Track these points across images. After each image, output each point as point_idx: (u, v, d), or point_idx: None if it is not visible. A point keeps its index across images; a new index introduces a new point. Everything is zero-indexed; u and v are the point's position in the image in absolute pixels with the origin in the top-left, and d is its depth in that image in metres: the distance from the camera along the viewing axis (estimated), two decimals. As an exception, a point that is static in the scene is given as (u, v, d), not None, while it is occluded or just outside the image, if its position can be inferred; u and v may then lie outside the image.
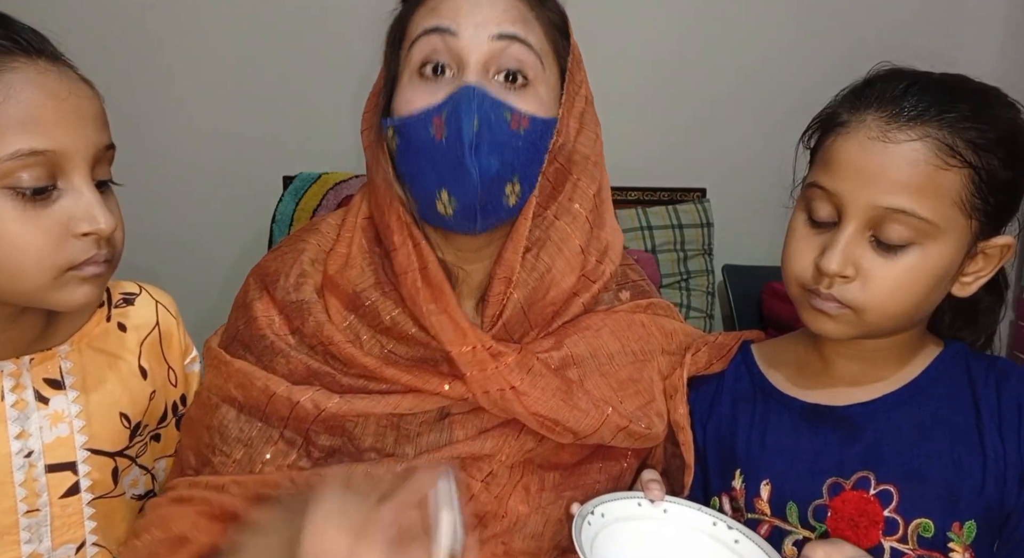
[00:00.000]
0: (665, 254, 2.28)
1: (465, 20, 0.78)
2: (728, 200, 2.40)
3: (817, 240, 0.82)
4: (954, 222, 0.78)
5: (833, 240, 0.80)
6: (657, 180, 2.42)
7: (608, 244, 0.89)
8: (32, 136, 0.63)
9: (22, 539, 0.71)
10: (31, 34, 0.67)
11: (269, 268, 0.91)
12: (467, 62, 0.78)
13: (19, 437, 0.72)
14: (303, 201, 2.33)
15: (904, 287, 0.79)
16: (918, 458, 0.82)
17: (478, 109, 0.76)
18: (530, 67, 0.81)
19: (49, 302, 0.69)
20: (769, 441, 0.89)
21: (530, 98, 0.81)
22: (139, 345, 0.83)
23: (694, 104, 2.44)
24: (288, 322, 0.86)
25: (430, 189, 0.79)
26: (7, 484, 0.71)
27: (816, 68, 1.83)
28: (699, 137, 2.45)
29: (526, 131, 0.79)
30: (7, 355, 0.72)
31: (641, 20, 2.40)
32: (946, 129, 0.77)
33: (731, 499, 0.91)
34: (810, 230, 0.84)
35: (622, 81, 2.43)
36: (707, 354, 0.96)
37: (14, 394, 0.72)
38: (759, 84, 2.40)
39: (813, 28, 2.39)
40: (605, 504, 0.83)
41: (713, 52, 2.41)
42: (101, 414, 0.77)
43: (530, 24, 0.82)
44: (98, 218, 0.67)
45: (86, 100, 0.68)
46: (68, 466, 0.75)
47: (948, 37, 2.36)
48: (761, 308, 2.17)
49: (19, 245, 0.64)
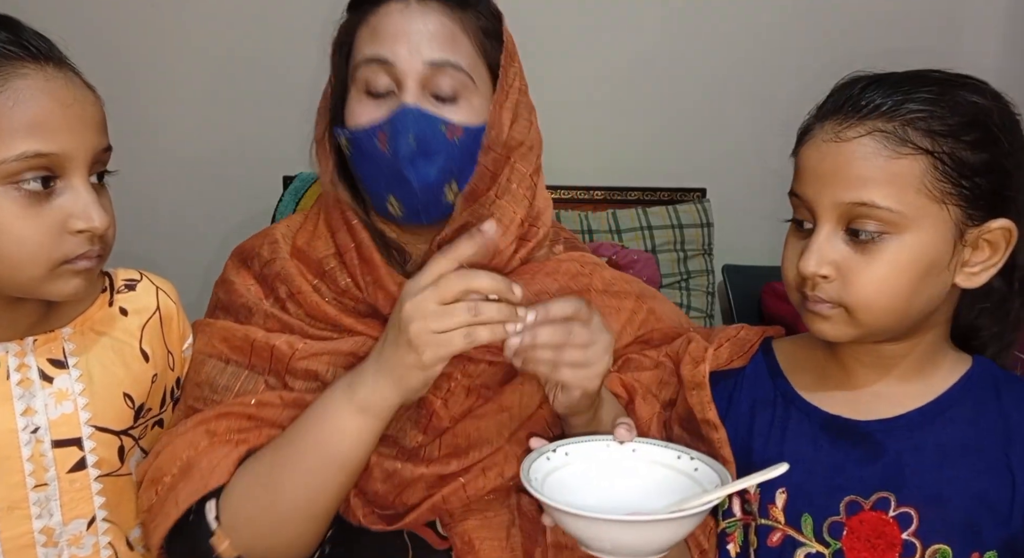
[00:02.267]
0: (665, 254, 2.28)
1: (400, 49, 0.90)
2: (728, 200, 2.40)
3: (802, 244, 0.84)
4: (924, 209, 0.78)
5: (809, 243, 0.82)
6: (657, 180, 2.42)
7: (539, 210, 1.01)
8: (38, 140, 0.68)
9: (32, 514, 0.75)
10: (40, 40, 0.71)
11: (245, 247, 1.04)
12: (404, 84, 0.90)
13: (25, 414, 0.75)
14: (303, 201, 2.33)
15: (888, 281, 0.79)
16: (940, 483, 0.81)
17: (414, 126, 0.89)
18: (460, 84, 0.92)
19: (42, 292, 0.73)
20: (788, 449, 0.88)
21: (463, 109, 0.92)
22: (140, 329, 0.86)
23: (694, 104, 2.44)
24: (263, 289, 0.99)
25: (381, 193, 0.93)
26: (14, 459, 0.74)
27: (816, 68, 1.82)
28: (699, 137, 2.45)
29: (460, 139, 0.91)
30: (10, 337, 0.76)
31: (641, 20, 2.40)
32: (896, 120, 0.78)
33: (744, 501, 0.90)
34: (797, 238, 0.85)
35: (622, 81, 2.43)
36: (729, 349, 0.97)
37: (19, 373, 0.75)
38: (759, 84, 2.40)
39: (813, 28, 2.39)
40: (571, 445, 0.85)
41: (713, 52, 2.41)
42: (104, 393, 0.81)
43: (458, 42, 0.92)
44: (93, 217, 0.71)
45: (89, 106, 0.72)
46: (74, 442, 0.78)
47: (948, 36, 2.36)
48: (761, 308, 2.17)
49: (20, 239, 0.69)
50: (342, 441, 0.82)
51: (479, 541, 0.90)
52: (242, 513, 0.84)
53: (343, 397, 0.83)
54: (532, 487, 0.76)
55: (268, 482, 0.84)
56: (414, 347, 0.77)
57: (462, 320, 0.76)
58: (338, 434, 0.82)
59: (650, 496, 0.81)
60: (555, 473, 0.82)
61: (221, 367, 0.94)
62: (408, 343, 0.77)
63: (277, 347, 0.92)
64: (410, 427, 0.91)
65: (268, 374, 0.92)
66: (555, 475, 0.82)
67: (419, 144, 0.89)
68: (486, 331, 0.77)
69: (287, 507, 0.83)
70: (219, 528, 0.83)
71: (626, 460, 0.85)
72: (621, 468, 0.84)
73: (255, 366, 0.93)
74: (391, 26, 0.91)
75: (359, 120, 0.92)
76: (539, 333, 0.78)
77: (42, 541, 0.76)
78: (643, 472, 0.84)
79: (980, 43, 2.33)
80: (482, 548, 0.90)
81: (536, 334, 0.78)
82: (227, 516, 0.84)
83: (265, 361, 0.92)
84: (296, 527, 0.85)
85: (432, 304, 0.76)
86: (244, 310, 0.97)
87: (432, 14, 0.92)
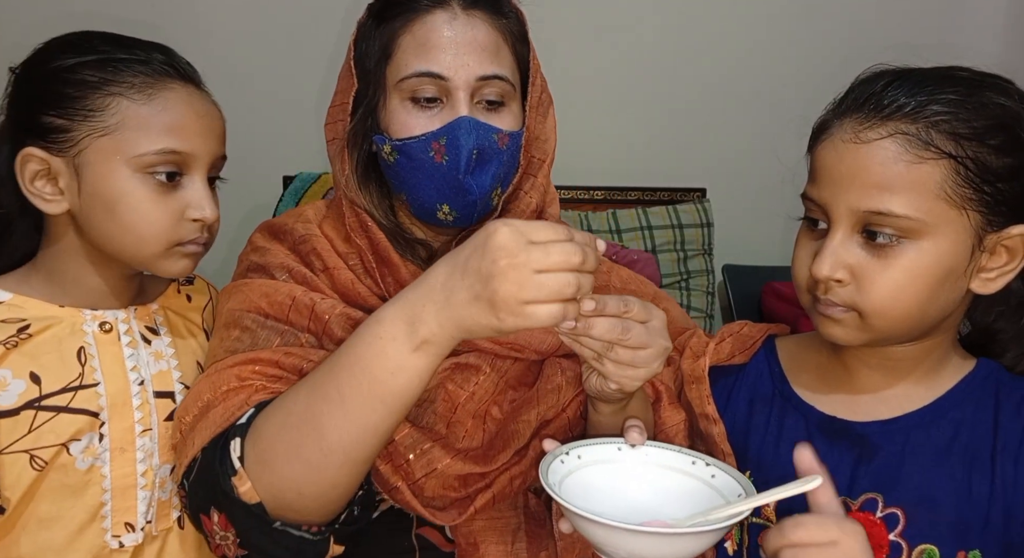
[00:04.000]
0: (665, 254, 2.28)
1: (452, 62, 0.91)
2: (728, 200, 2.40)
3: (814, 246, 0.82)
4: (943, 216, 0.75)
5: (823, 245, 0.79)
6: (657, 180, 2.42)
7: (549, 200, 1.04)
8: (176, 139, 0.85)
9: (137, 457, 0.88)
10: (186, 65, 0.89)
11: (275, 223, 1.05)
12: (457, 97, 0.92)
13: (134, 369, 0.90)
14: (303, 201, 2.33)
15: (905, 287, 0.77)
16: (931, 483, 0.80)
17: (473, 137, 0.91)
18: (505, 93, 0.95)
19: (155, 267, 0.88)
20: (783, 449, 0.87)
21: (506, 117, 0.95)
22: (201, 313, 1.01)
23: (695, 104, 2.44)
24: (298, 258, 0.99)
25: (431, 201, 0.94)
26: (127, 406, 0.88)
27: (817, 67, 1.83)
28: (699, 137, 2.45)
29: (507, 146, 0.95)
30: (119, 306, 0.91)
31: (641, 20, 2.40)
32: (920, 122, 0.75)
33: None
34: (810, 238, 0.83)
35: (622, 81, 2.43)
36: (731, 345, 0.97)
37: (127, 336, 0.90)
38: (759, 84, 2.40)
39: (814, 27, 2.39)
40: (583, 447, 0.83)
41: (713, 52, 2.41)
42: (185, 358, 0.95)
43: (502, 52, 0.95)
44: (206, 209, 0.88)
45: (216, 120, 0.91)
46: (168, 395, 0.92)
47: (951, 34, 2.36)
48: (761, 308, 2.17)
49: (148, 219, 0.85)
50: (397, 377, 0.75)
51: (484, 543, 0.89)
52: (271, 452, 0.78)
53: (402, 334, 0.74)
54: (554, 492, 0.74)
55: (306, 419, 0.77)
56: (496, 310, 0.68)
57: (560, 294, 0.68)
58: (396, 371, 0.74)
59: (666, 502, 0.81)
60: (571, 476, 0.81)
61: (260, 320, 0.92)
62: (489, 302, 0.68)
63: (318, 305, 0.91)
64: (435, 420, 0.89)
65: (306, 332, 0.91)
66: (571, 478, 0.81)
67: (479, 154, 0.91)
68: (574, 309, 0.70)
69: (328, 447, 0.76)
70: (242, 468, 0.78)
71: (639, 464, 0.84)
72: (634, 472, 0.83)
73: (294, 323, 0.91)
74: (440, 38, 0.91)
75: (410, 130, 0.92)
76: (594, 325, 0.73)
77: (143, 483, 0.88)
78: (657, 476, 0.83)
79: (980, 42, 2.33)
80: (487, 552, 0.89)
81: (591, 325, 0.73)
82: (253, 455, 0.78)
83: (304, 318, 0.91)
84: (336, 471, 0.77)
85: (530, 271, 0.67)
86: (282, 270, 0.96)
87: (479, 24, 0.93)
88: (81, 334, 0.87)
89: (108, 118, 0.82)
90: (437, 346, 0.74)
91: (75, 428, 0.84)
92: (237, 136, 0.98)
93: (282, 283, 0.95)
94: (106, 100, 0.83)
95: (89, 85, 0.83)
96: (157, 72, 0.85)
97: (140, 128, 0.83)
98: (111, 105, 0.83)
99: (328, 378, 0.78)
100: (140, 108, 0.83)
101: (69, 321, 0.87)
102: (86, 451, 0.85)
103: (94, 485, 0.85)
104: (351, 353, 0.77)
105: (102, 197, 0.84)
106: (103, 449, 0.86)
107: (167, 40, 0.93)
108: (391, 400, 0.75)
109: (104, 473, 0.86)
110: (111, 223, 0.84)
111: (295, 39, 2.38)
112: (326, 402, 0.76)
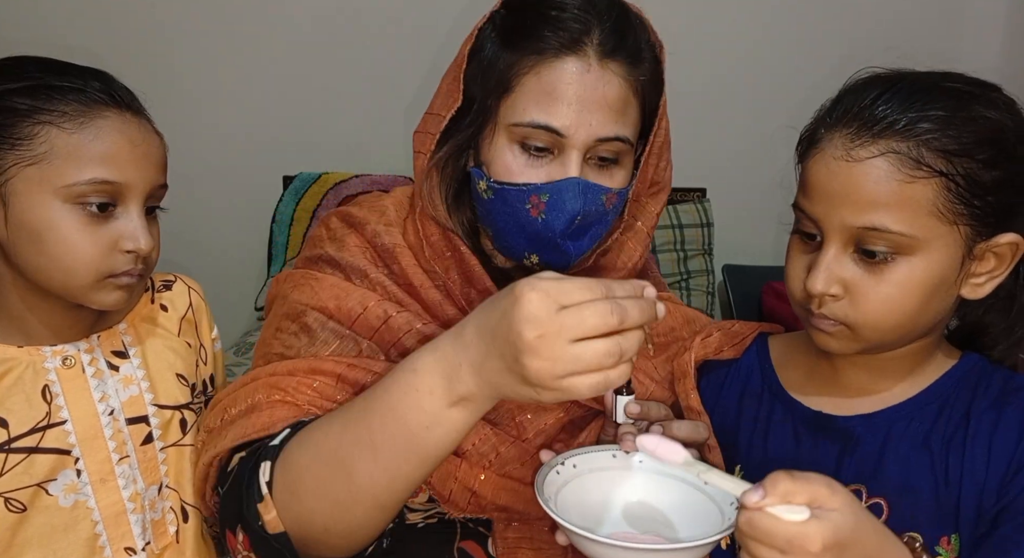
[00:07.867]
0: (665, 254, 2.28)
1: (576, 121, 0.85)
2: (728, 200, 2.40)
3: (808, 258, 0.82)
4: (935, 231, 0.76)
5: (817, 260, 0.80)
6: (657, 180, 2.42)
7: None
8: (107, 169, 0.82)
9: (120, 484, 0.88)
10: (124, 92, 0.87)
11: (352, 213, 0.99)
12: (570, 156, 0.86)
13: (102, 399, 0.88)
14: (303, 201, 2.33)
15: (898, 301, 0.78)
16: (912, 472, 0.81)
17: (580, 200, 0.86)
18: (621, 151, 0.89)
19: (85, 299, 0.85)
20: (771, 445, 0.89)
21: (618, 175, 0.90)
22: (179, 323, 0.99)
23: (694, 104, 2.44)
24: (377, 256, 0.95)
25: (519, 249, 0.91)
26: (100, 438, 0.87)
27: (816, 67, 1.83)
28: (699, 137, 2.44)
29: (614, 205, 0.90)
30: (78, 336, 0.89)
31: (641, 20, 2.40)
32: (911, 140, 0.76)
33: None
34: (802, 248, 0.84)
35: (622, 81, 2.43)
36: (719, 339, 0.97)
37: (92, 366, 0.89)
38: (759, 84, 2.40)
39: (813, 27, 2.39)
40: (578, 456, 0.83)
41: (713, 52, 2.41)
42: (160, 376, 0.94)
43: (629, 111, 0.88)
44: (140, 240, 0.84)
45: (154, 148, 0.87)
46: (142, 419, 0.91)
47: (949, 36, 2.36)
48: (761, 308, 2.17)
49: (77, 250, 0.82)
50: (433, 431, 0.71)
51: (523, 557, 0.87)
52: (299, 484, 0.76)
53: (439, 388, 0.70)
54: (548, 507, 0.74)
55: (337, 458, 0.75)
56: (531, 385, 0.64)
57: (599, 365, 0.63)
58: (431, 425, 0.71)
59: (660, 510, 0.81)
60: (566, 487, 0.81)
61: (323, 321, 0.89)
62: (522, 377, 0.64)
63: (393, 318, 0.87)
64: (498, 442, 0.86)
65: (370, 340, 0.88)
66: (566, 488, 0.81)
67: (583, 218, 0.87)
68: (619, 374, 0.64)
69: (357, 489, 0.74)
70: (269, 495, 0.76)
71: (633, 471, 0.84)
72: (629, 480, 0.84)
73: (359, 331, 0.88)
74: (566, 91, 0.85)
75: (512, 176, 0.87)
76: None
77: (132, 507, 0.88)
78: (651, 483, 0.84)
79: (981, 43, 2.33)
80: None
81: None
82: (282, 484, 0.76)
83: (371, 330, 0.88)
84: (364, 513, 0.75)
85: (564, 342, 0.61)
86: (357, 272, 0.92)
87: (612, 79, 0.86)
88: (44, 372, 0.86)
89: (36, 147, 0.80)
90: (476, 403, 0.70)
91: (48, 467, 0.83)
92: (237, 136, 0.98)
93: (355, 288, 0.91)
94: (35, 128, 0.80)
95: (18, 113, 0.81)
96: (91, 100, 0.83)
97: (69, 157, 0.81)
98: (40, 134, 0.80)
99: (360, 420, 0.75)
100: (70, 137, 0.81)
101: (28, 361, 0.85)
102: (67, 488, 0.85)
103: (83, 519, 0.85)
104: (385, 399, 0.73)
105: (28, 228, 0.81)
106: (83, 483, 0.86)
107: (164, 42, 0.92)
108: (424, 453, 0.72)
109: (91, 506, 0.86)
110: (38, 255, 0.82)
111: (296, 39, 2.38)
112: (357, 445, 0.74)
